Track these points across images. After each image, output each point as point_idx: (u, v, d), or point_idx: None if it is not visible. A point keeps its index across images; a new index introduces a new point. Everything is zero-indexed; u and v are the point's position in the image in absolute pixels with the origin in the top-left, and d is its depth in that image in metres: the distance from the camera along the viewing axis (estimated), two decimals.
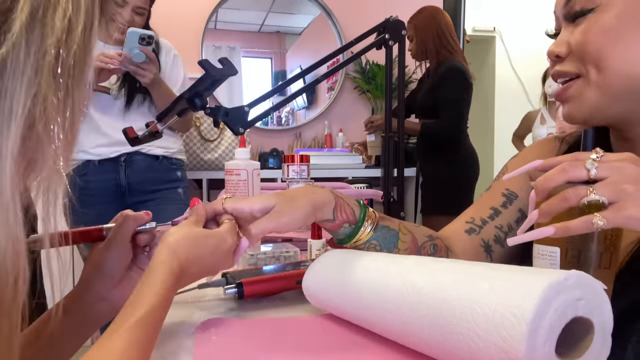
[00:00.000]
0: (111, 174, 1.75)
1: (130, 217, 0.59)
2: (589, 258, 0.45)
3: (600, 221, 0.40)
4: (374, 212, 0.61)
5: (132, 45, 1.53)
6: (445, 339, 0.40)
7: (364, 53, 1.04)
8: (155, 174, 1.79)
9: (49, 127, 0.33)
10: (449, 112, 2.18)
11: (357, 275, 0.53)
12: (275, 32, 3.08)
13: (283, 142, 2.92)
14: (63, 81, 0.33)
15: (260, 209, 0.57)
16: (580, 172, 0.43)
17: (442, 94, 2.17)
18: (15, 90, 0.30)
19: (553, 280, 0.35)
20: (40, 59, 0.31)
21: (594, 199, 0.41)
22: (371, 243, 0.60)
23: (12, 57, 0.30)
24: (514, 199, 0.70)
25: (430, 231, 0.67)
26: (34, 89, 0.31)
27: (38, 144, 0.33)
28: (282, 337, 0.53)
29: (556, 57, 0.60)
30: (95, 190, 1.73)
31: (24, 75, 0.31)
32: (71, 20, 0.33)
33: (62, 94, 0.33)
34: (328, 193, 0.59)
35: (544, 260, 0.48)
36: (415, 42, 2.30)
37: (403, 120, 1.17)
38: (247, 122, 0.91)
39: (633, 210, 0.39)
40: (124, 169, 1.75)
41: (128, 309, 0.43)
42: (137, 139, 1.05)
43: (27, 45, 0.30)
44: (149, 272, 0.47)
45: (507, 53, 4.10)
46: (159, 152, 1.80)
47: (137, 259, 0.62)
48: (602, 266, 0.45)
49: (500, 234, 0.68)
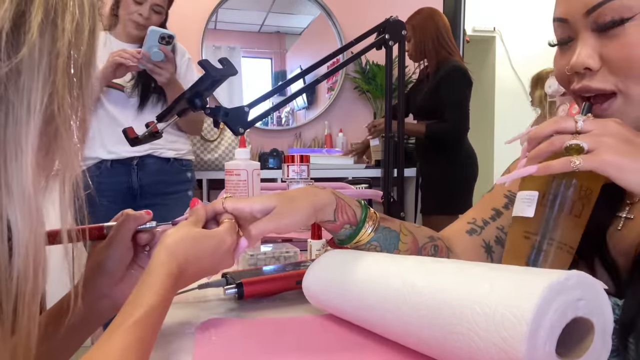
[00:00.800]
0: (123, 177, 1.75)
1: (131, 216, 0.60)
2: (562, 203, 0.50)
3: (577, 160, 0.44)
4: (375, 213, 0.61)
5: (151, 43, 1.54)
6: (445, 339, 0.40)
7: (364, 53, 1.04)
8: (167, 176, 1.80)
9: (65, 123, 0.35)
10: (454, 113, 2.18)
11: (357, 276, 0.53)
12: (275, 32, 3.08)
13: (283, 142, 2.92)
14: (77, 80, 0.36)
15: (261, 209, 0.57)
16: (569, 123, 0.47)
17: (446, 94, 2.17)
18: (32, 88, 0.32)
19: (553, 281, 0.35)
20: (53, 59, 0.34)
21: (576, 142, 0.45)
22: (372, 244, 0.60)
23: (29, 57, 0.32)
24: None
25: (432, 232, 0.67)
26: (49, 86, 0.34)
27: (56, 140, 0.36)
28: (282, 337, 0.53)
29: (585, 70, 0.55)
30: (108, 192, 1.73)
31: (40, 74, 0.33)
32: (79, 24, 0.36)
33: (76, 92, 0.36)
34: (329, 194, 0.59)
35: (522, 204, 0.52)
36: (414, 43, 2.29)
37: (403, 120, 1.17)
38: (247, 122, 0.91)
39: (606, 156, 0.44)
40: (136, 172, 1.75)
41: (127, 309, 0.43)
42: (137, 139, 1.05)
43: (40, 46, 0.33)
44: (148, 272, 0.47)
45: (507, 53, 4.10)
46: (171, 155, 1.80)
47: (138, 258, 0.62)
48: (573, 213, 0.50)
49: (501, 235, 0.68)
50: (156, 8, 1.69)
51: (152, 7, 1.68)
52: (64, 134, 0.36)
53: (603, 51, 0.53)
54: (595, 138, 0.45)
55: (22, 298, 0.33)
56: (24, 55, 0.32)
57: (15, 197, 0.32)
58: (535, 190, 0.51)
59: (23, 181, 0.33)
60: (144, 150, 1.74)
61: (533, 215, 0.51)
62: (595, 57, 0.54)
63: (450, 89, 2.17)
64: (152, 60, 1.56)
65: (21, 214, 0.33)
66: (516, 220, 0.53)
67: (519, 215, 0.52)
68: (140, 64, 1.57)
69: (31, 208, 0.33)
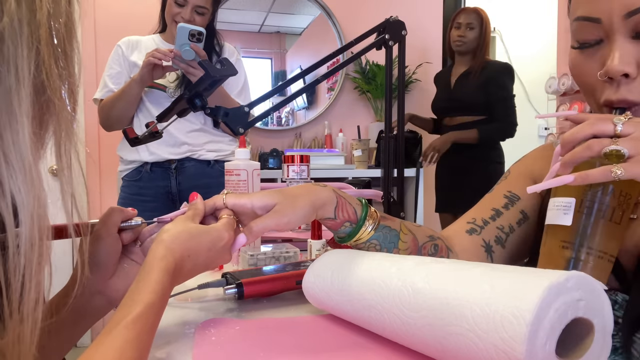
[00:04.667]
0: (163, 181, 1.72)
1: (116, 209, 0.60)
2: (601, 210, 0.46)
3: (618, 170, 0.41)
4: (375, 212, 0.61)
5: (182, 41, 1.46)
6: (445, 340, 0.40)
7: (364, 53, 1.04)
8: (207, 179, 1.73)
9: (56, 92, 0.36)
10: (506, 109, 2.30)
11: (357, 276, 0.53)
12: (275, 32, 3.07)
13: (283, 143, 2.92)
14: (61, 51, 0.36)
15: (262, 206, 0.57)
16: (607, 126, 0.44)
17: (495, 91, 2.29)
18: (17, 56, 0.33)
19: (553, 282, 0.35)
20: (35, 30, 0.34)
21: (616, 148, 0.42)
22: (372, 242, 0.60)
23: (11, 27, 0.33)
24: (516, 200, 0.70)
25: (432, 231, 0.67)
26: (34, 56, 0.34)
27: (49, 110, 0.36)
28: (282, 337, 0.53)
29: (621, 77, 0.51)
30: (149, 196, 1.72)
31: (23, 43, 0.34)
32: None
33: (62, 63, 0.37)
34: (330, 192, 0.59)
35: (557, 211, 0.49)
36: (478, 34, 2.38)
37: (403, 120, 1.17)
38: (247, 123, 0.91)
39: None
40: (175, 176, 1.71)
41: (124, 307, 0.43)
42: (137, 139, 1.05)
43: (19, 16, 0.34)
44: (145, 269, 0.47)
45: (507, 53, 4.10)
46: (211, 157, 1.75)
47: (129, 252, 0.62)
48: (613, 220, 0.47)
49: (501, 235, 0.68)
50: (199, 10, 1.65)
51: (195, 9, 1.64)
52: (56, 103, 0.36)
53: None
54: (636, 143, 0.42)
55: (29, 268, 0.34)
56: (5, 24, 0.32)
57: (16, 167, 0.33)
58: (572, 197, 0.48)
59: (22, 150, 0.33)
60: (182, 152, 1.70)
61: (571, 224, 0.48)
62: (633, 63, 0.50)
63: (501, 86, 2.30)
64: (184, 60, 1.48)
65: (23, 184, 0.33)
66: (551, 229, 0.50)
67: (554, 224, 0.49)
68: (173, 64, 1.51)
69: (33, 177, 0.34)
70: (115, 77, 1.73)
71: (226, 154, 1.78)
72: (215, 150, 1.76)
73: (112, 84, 1.72)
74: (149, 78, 1.56)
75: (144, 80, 1.57)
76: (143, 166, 1.72)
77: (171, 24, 1.68)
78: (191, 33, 1.46)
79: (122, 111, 1.67)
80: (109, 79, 1.73)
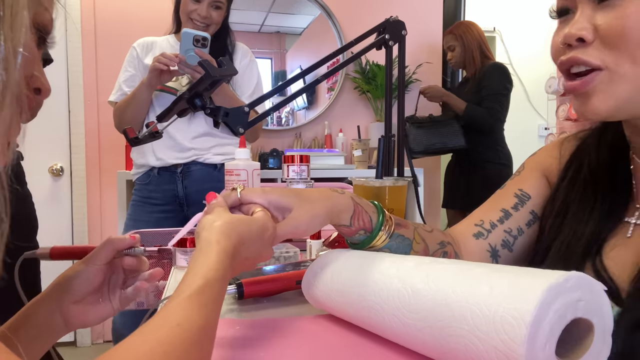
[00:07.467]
0: (170, 185, 1.71)
1: (109, 241, 0.61)
2: None
3: None
4: (390, 218, 0.60)
5: (187, 47, 1.45)
6: (445, 341, 0.40)
7: (364, 53, 1.04)
8: (214, 183, 1.71)
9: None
10: (492, 102, 2.38)
11: (357, 276, 0.53)
12: (275, 32, 3.07)
13: (283, 143, 2.92)
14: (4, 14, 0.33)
15: (277, 206, 0.55)
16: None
17: (487, 88, 2.38)
18: None
19: (553, 282, 0.35)
20: None
21: None
22: (384, 250, 0.60)
23: None
24: (527, 200, 0.68)
25: (443, 236, 0.66)
26: None
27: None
28: (282, 337, 0.53)
29: (577, 41, 0.51)
30: (158, 199, 1.71)
31: None
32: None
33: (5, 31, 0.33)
34: (348, 199, 0.57)
35: None
36: (462, 51, 2.52)
37: (403, 121, 1.17)
38: (247, 123, 0.91)
39: None
40: (181, 181, 1.70)
41: (183, 285, 0.41)
42: (137, 139, 1.05)
43: None
44: (199, 253, 0.44)
45: (507, 53, 4.09)
46: (218, 160, 1.73)
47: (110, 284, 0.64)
48: None
49: (508, 238, 0.67)
50: (215, 4, 1.62)
51: (211, 3, 1.61)
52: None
53: (598, 22, 0.50)
54: None
55: None
56: None
57: None
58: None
59: None
60: (188, 157, 1.69)
61: None
62: (589, 28, 0.50)
63: (492, 83, 2.40)
64: (190, 65, 1.46)
65: None
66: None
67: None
68: (179, 69, 1.49)
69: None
70: (130, 80, 1.73)
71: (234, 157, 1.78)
72: (223, 154, 1.74)
73: (126, 87, 1.72)
74: (156, 82, 1.56)
75: (152, 85, 1.57)
76: (151, 170, 1.72)
77: (186, 22, 1.66)
78: (195, 38, 1.45)
79: (133, 114, 1.66)
80: (124, 82, 1.73)
